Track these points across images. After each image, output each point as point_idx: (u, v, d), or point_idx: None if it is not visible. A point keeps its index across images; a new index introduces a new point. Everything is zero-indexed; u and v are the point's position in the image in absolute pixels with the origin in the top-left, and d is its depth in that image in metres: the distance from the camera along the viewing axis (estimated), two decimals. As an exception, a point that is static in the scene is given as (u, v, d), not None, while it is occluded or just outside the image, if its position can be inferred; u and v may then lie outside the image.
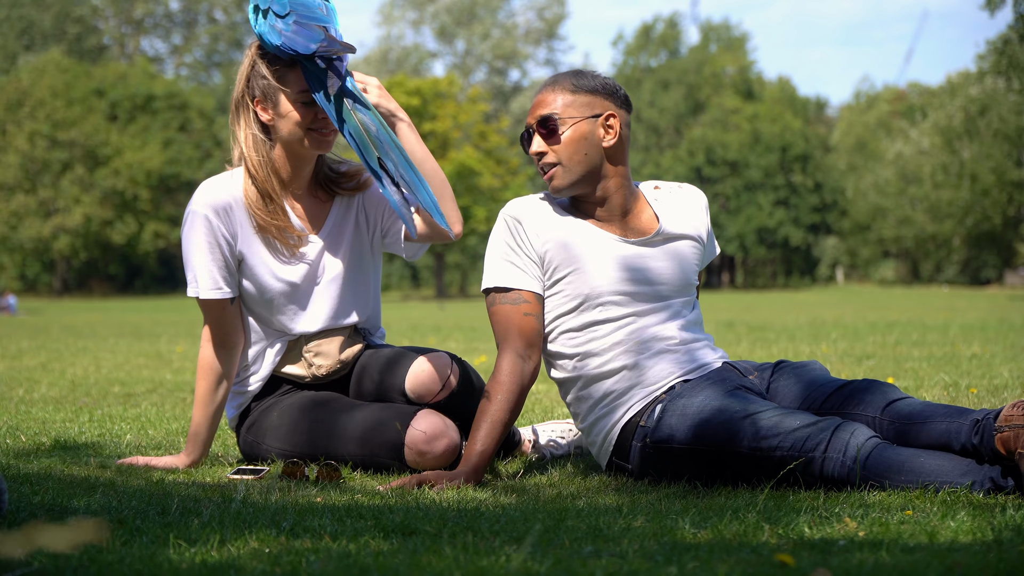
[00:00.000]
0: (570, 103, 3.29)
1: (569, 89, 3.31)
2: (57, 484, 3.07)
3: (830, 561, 2.15)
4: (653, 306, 3.28)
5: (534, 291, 3.29)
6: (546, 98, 3.31)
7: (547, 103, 3.30)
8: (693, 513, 2.65)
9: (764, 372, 3.30)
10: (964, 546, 2.27)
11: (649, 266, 3.30)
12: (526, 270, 3.29)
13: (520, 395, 3.24)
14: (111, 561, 2.15)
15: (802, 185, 58.48)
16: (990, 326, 12.85)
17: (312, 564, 2.12)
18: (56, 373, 7.60)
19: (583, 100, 3.29)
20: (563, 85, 3.32)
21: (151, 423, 4.63)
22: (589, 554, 2.23)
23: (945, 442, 2.91)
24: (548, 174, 3.29)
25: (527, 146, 3.34)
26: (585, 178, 3.28)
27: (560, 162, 3.28)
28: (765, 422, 2.96)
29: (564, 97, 3.30)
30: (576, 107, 3.28)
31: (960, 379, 5.95)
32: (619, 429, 3.23)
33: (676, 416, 3.11)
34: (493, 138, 47.39)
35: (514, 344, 3.25)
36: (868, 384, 3.12)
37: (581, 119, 3.27)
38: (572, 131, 3.27)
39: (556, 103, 3.29)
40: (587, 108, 3.29)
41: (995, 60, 30.07)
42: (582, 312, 3.27)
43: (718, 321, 15.70)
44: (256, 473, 3.25)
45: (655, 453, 3.13)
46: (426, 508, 2.73)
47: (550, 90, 3.32)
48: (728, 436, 2.99)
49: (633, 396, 3.22)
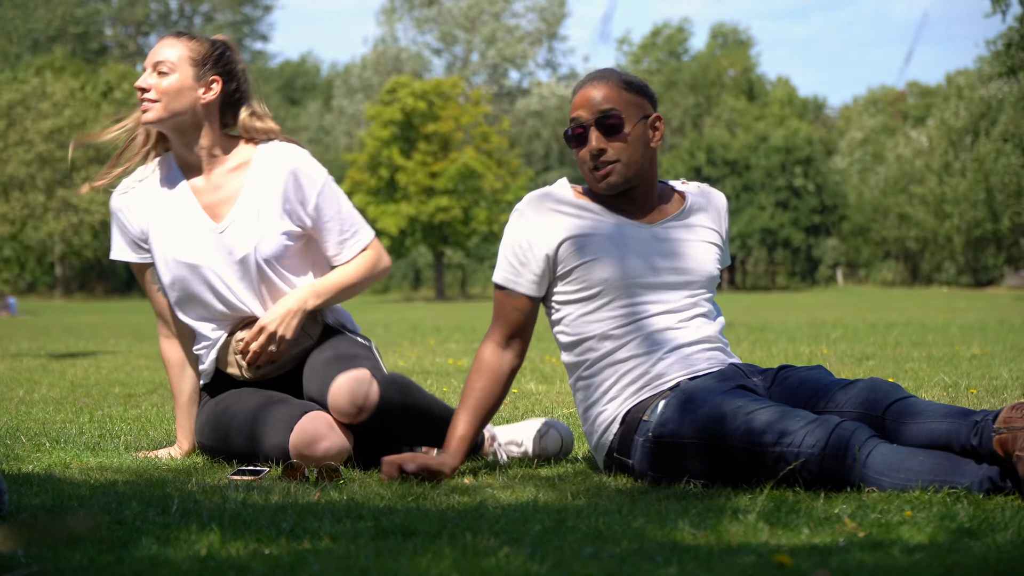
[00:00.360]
0: (628, 101, 3.24)
1: (622, 87, 3.25)
2: (57, 484, 3.07)
3: (830, 562, 2.15)
4: (672, 295, 3.27)
5: (528, 295, 3.30)
6: (601, 93, 3.24)
7: (606, 98, 3.23)
8: (693, 514, 2.65)
9: (768, 375, 3.30)
10: (964, 546, 2.27)
11: (672, 249, 3.29)
12: (526, 274, 3.29)
13: (498, 382, 3.28)
14: (111, 561, 2.15)
15: (803, 187, 58.48)
16: (990, 327, 12.85)
17: (312, 564, 2.12)
18: (56, 374, 7.61)
19: (636, 100, 3.26)
20: (614, 82, 3.25)
21: (151, 424, 4.63)
22: (589, 555, 2.23)
23: (945, 442, 2.91)
24: (604, 171, 3.24)
25: (579, 143, 3.26)
26: (635, 178, 3.27)
27: (620, 160, 3.24)
28: (765, 419, 2.96)
29: (621, 94, 3.24)
30: (633, 106, 3.25)
31: (960, 380, 5.95)
32: (619, 422, 3.23)
33: (679, 412, 3.11)
34: (495, 140, 47.39)
35: (496, 333, 3.31)
36: (869, 383, 3.12)
37: (638, 119, 3.25)
38: (633, 129, 3.24)
39: (615, 99, 3.23)
40: (639, 108, 3.26)
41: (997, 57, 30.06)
42: (597, 299, 3.27)
43: (718, 322, 15.67)
44: (256, 474, 3.25)
45: (657, 448, 3.13)
46: (426, 509, 2.73)
47: (603, 85, 3.25)
48: (728, 432, 2.99)
49: (638, 389, 3.23)
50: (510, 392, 5.90)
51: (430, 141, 46.46)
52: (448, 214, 45.53)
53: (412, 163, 45.97)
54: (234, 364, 3.65)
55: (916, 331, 12.08)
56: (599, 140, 3.23)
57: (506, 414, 4.85)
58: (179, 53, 3.60)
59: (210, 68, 3.60)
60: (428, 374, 7.33)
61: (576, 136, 3.27)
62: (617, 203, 3.31)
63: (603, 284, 3.25)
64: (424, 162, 45.99)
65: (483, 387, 3.28)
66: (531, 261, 3.28)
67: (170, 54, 3.59)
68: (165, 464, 3.56)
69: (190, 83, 3.59)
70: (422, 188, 45.86)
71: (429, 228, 46.22)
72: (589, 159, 3.25)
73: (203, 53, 3.61)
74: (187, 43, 3.61)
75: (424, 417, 3.43)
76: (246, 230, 3.60)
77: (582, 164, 3.28)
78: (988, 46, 31.29)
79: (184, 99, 3.58)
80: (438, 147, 46.57)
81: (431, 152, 46.46)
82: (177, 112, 3.59)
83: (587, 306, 3.28)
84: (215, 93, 3.61)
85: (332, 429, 3.37)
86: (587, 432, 3.35)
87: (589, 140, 3.24)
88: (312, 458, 3.34)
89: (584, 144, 3.26)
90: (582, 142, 3.26)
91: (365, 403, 3.35)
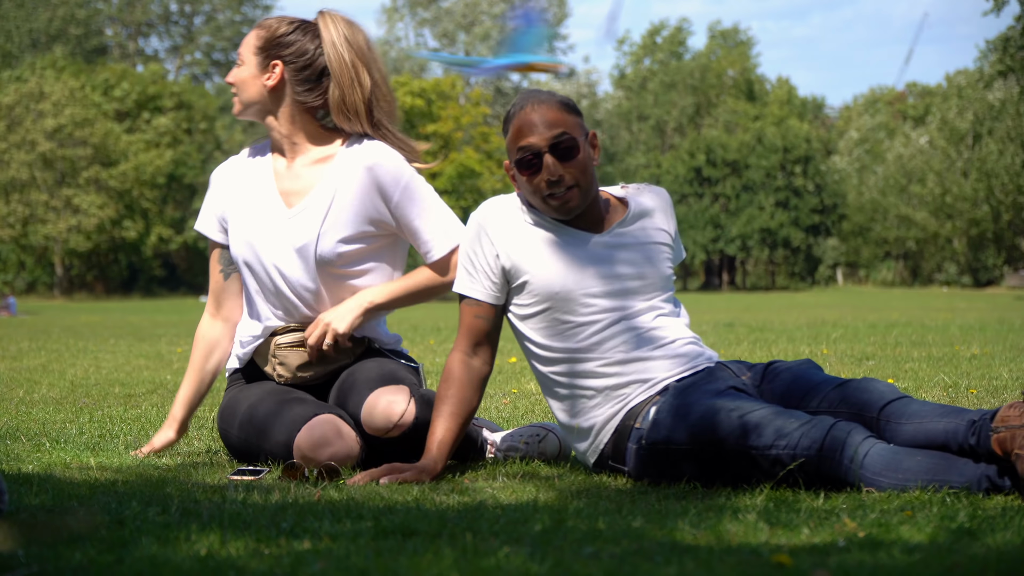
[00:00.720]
0: (573, 123, 3.20)
1: (561, 108, 3.21)
2: (57, 484, 3.07)
3: (829, 562, 2.15)
4: (630, 302, 3.26)
5: (486, 301, 3.30)
6: (547, 117, 3.18)
7: (555, 122, 3.18)
8: (693, 513, 2.65)
9: (757, 373, 3.28)
10: (964, 546, 2.27)
11: (621, 257, 3.27)
12: (481, 280, 3.29)
13: (470, 388, 3.28)
14: (111, 561, 2.15)
15: (803, 187, 58.49)
16: (990, 327, 12.85)
17: (312, 564, 2.12)
18: (56, 374, 7.61)
19: (577, 120, 3.23)
20: (556, 104, 3.21)
21: (151, 424, 4.63)
22: (589, 555, 2.23)
23: (942, 442, 2.91)
24: (564, 198, 3.19)
25: (531, 171, 3.19)
26: (590, 198, 3.24)
27: (578, 184, 3.19)
28: (759, 421, 2.96)
29: (566, 117, 3.20)
30: (577, 127, 3.21)
31: (960, 380, 5.95)
32: (609, 431, 3.22)
33: (671, 416, 3.10)
34: (494, 140, 47.39)
35: (462, 343, 3.32)
36: (863, 383, 3.11)
37: (583, 139, 3.22)
38: (583, 151, 3.21)
39: (563, 122, 3.19)
40: (581, 128, 3.23)
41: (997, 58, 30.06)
42: (554, 312, 3.26)
43: (718, 322, 15.70)
44: (256, 474, 3.25)
45: (652, 455, 3.13)
46: (426, 509, 2.73)
47: (546, 109, 3.19)
48: (724, 435, 2.99)
49: (624, 396, 3.21)
50: (510, 392, 5.90)
51: (430, 140, 46.48)
52: (448, 214, 45.56)
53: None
54: (271, 364, 3.62)
55: (916, 331, 12.08)
56: (556, 166, 3.17)
57: (506, 414, 4.86)
58: (249, 42, 3.59)
59: (272, 53, 3.56)
60: (428, 374, 7.33)
61: (528, 163, 3.18)
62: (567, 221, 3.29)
63: (555, 298, 3.24)
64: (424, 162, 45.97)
65: (454, 394, 3.27)
66: (485, 268, 3.28)
67: (243, 44, 3.60)
68: (165, 464, 3.56)
69: (254, 71, 3.57)
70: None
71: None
72: (545, 187, 3.18)
73: (267, 38, 3.57)
74: (257, 31, 3.60)
75: None
76: (311, 221, 3.55)
77: (534, 192, 3.21)
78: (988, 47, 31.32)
79: (252, 88, 3.58)
80: (438, 147, 46.57)
81: (430, 152, 46.49)
82: (250, 102, 3.59)
83: (545, 320, 3.27)
84: (276, 78, 3.56)
85: (339, 435, 3.35)
86: (574, 442, 3.34)
87: (545, 167, 3.17)
88: (315, 461, 3.32)
89: (537, 172, 3.18)
90: (535, 169, 3.19)
91: (400, 420, 3.36)
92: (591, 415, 3.26)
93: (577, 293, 3.24)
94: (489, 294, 3.30)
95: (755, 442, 2.95)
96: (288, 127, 3.59)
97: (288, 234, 3.56)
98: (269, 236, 3.58)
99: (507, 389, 6.10)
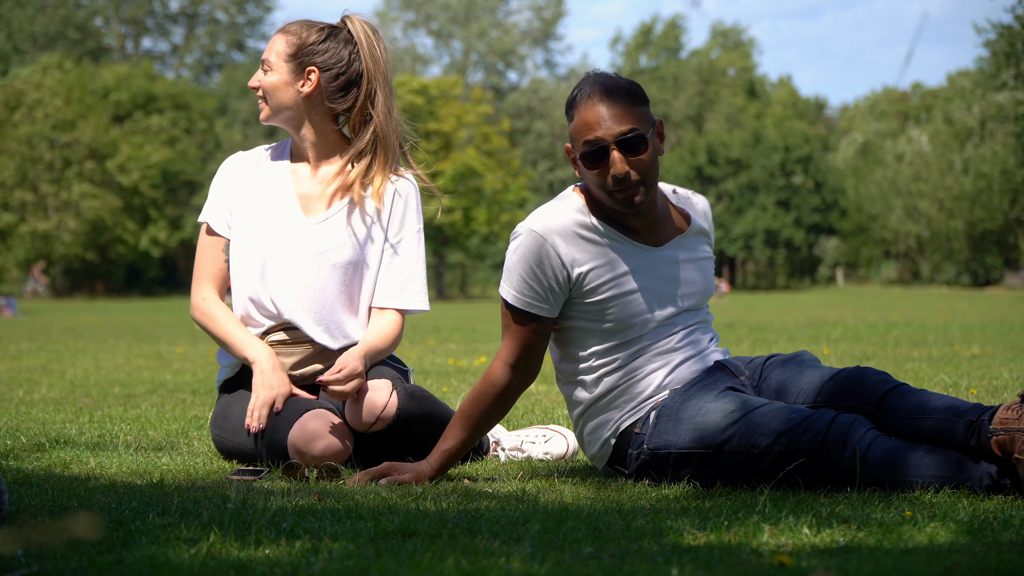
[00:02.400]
0: (640, 115, 3.08)
1: (631, 101, 3.08)
2: (57, 485, 3.07)
3: (830, 562, 2.15)
4: (681, 318, 3.21)
5: (547, 316, 3.18)
6: (615, 111, 3.06)
7: (623, 117, 3.06)
8: (693, 514, 2.65)
9: (755, 369, 3.25)
10: (963, 547, 2.27)
11: (681, 274, 3.21)
12: (547, 296, 3.15)
13: (498, 400, 3.21)
14: (111, 561, 2.15)
15: (803, 186, 58.48)
16: (990, 327, 12.84)
17: (312, 564, 2.12)
18: (56, 374, 7.60)
19: (644, 111, 3.09)
20: (623, 95, 3.07)
21: (151, 424, 4.63)
22: (589, 555, 2.23)
23: (941, 440, 2.90)
24: (629, 192, 3.07)
25: (597, 164, 3.07)
26: (655, 189, 3.14)
27: (645, 180, 3.08)
28: (760, 420, 2.95)
29: (633, 110, 3.07)
30: (644, 120, 3.09)
31: (960, 380, 5.95)
32: (615, 437, 3.21)
33: (671, 422, 3.09)
34: (495, 140, 47.40)
35: (511, 355, 3.20)
36: (857, 373, 3.07)
37: (650, 132, 3.10)
38: (650, 145, 3.09)
39: (631, 117, 3.06)
40: (648, 120, 3.10)
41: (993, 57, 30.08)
42: (610, 333, 3.18)
43: (718, 322, 15.71)
44: (256, 473, 3.25)
45: (652, 460, 3.12)
46: (426, 509, 2.73)
47: (614, 102, 3.06)
48: (725, 438, 2.99)
49: (629, 404, 3.20)
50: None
51: (430, 140, 46.45)
52: (448, 215, 45.53)
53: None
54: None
55: (916, 331, 12.08)
56: (623, 162, 3.05)
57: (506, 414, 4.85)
58: (278, 48, 3.56)
59: (307, 60, 3.54)
60: (428, 374, 7.33)
61: (595, 157, 3.07)
62: (629, 220, 3.17)
63: (618, 321, 3.16)
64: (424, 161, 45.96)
65: (486, 410, 3.21)
66: (553, 285, 3.15)
67: (272, 49, 3.57)
68: (165, 464, 3.56)
69: (287, 78, 3.55)
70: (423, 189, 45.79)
71: (429, 228, 46.23)
72: (612, 182, 3.07)
73: (299, 45, 3.55)
74: (288, 36, 3.57)
75: (441, 430, 3.36)
76: (333, 231, 3.57)
77: (600, 186, 3.09)
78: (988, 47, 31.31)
79: (285, 95, 3.56)
80: (439, 146, 46.57)
81: (432, 151, 46.47)
82: (281, 108, 3.57)
83: (596, 335, 3.20)
84: (313, 85, 3.55)
85: (332, 428, 3.36)
86: (582, 442, 3.33)
87: (612, 163, 3.06)
88: (309, 456, 3.33)
89: (603, 166, 3.07)
90: (602, 163, 3.07)
91: (383, 414, 3.36)
92: (601, 417, 3.22)
93: (639, 318, 3.16)
94: (553, 310, 3.19)
95: (757, 443, 2.94)
96: (317, 134, 3.60)
97: (303, 238, 3.56)
98: (287, 239, 3.57)
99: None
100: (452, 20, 63.78)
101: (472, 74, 64.81)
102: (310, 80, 3.54)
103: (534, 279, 3.14)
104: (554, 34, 66.24)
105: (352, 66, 3.57)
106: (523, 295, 3.16)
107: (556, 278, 3.13)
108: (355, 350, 3.45)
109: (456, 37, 64.22)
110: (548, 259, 3.12)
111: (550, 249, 3.12)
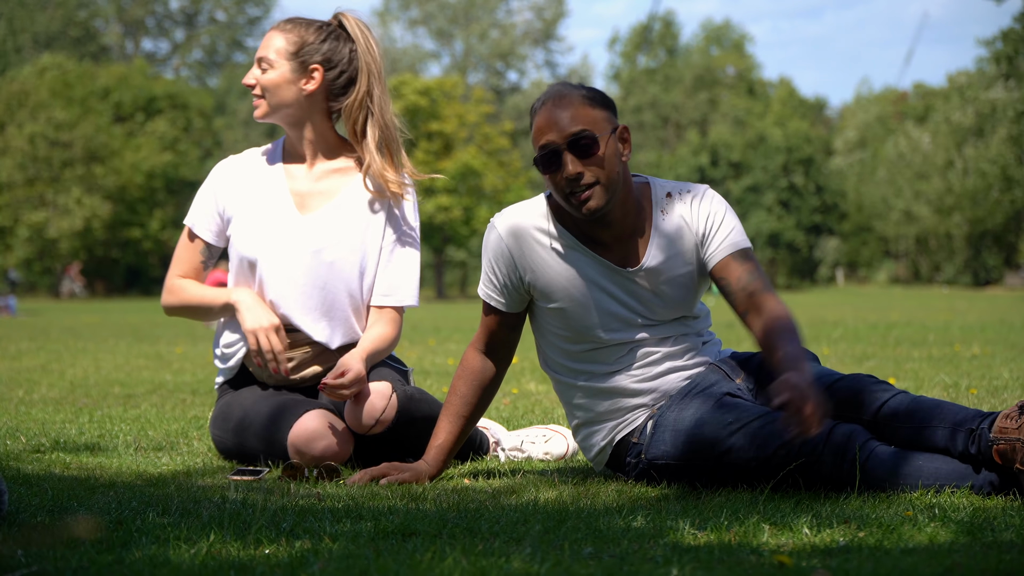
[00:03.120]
0: (596, 118, 3.07)
1: (586, 103, 3.07)
2: (57, 485, 3.07)
3: (830, 562, 2.15)
4: (652, 331, 3.18)
5: (506, 311, 3.25)
6: (567, 113, 3.05)
7: (574, 119, 3.05)
8: (693, 514, 2.65)
9: (754, 368, 3.22)
10: (963, 547, 2.27)
11: (648, 296, 3.16)
12: (503, 291, 3.22)
13: (480, 389, 3.27)
14: (111, 561, 2.15)
15: (804, 186, 58.48)
16: (990, 327, 12.84)
17: (312, 564, 2.12)
18: (56, 374, 7.61)
19: (603, 114, 3.08)
20: (578, 99, 3.08)
21: (151, 424, 4.63)
22: (589, 555, 2.23)
23: (941, 449, 2.90)
24: (584, 195, 3.05)
25: (551, 168, 3.06)
26: (614, 198, 3.09)
27: (598, 181, 3.05)
28: (758, 432, 2.93)
29: (588, 112, 3.06)
30: (601, 122, 3.07)
31: (960, 380, 5.95)
32: (612, 446, 3.21)
33: (668, 432, 3.08)
34: (496, 140, 47.40)
35: (480, 341, 3.30)
36: (855, 382, 3.05)
37: (609, 134, 3.07)
38: (606, 147, 3.06)
39: (584, 118, 3.05)
40: (608, 123, 3.08)
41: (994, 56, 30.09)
42: (573, 341, 3.20)
43: (718, 322, 15.65)
44: (256, 474, 3.25)
45: (650, 470, 3.12)
46: (426, 509, 2.73)
47: (567, 104, 3.07)
48: (723, 449, 2.98)
49: (619, 414, 3.19)
50: (510, 392, 5.90)
51: (432, 140, 46.46)
52: (449, 214, 45.54)
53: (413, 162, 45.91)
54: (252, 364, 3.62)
55: (916, 331, 12.08)
56: (575, 164, 3.02)
57: (506, 414, 4.86)
58: (278, 45, 3.54)
59: (309, 59, 3.53)
60: (428, 374, 7.33)
61: (547, 161, 3.06)
62: (594, 231, 3.16)
63: (576, 331, 3.18)
64: (425, 161, 45.99)
65: (465, 393, 3.26)
66: (508, 285, 3.21)
67: (270, 47, 3.55)
68: (165, 464, 3.56)
69: (289, 76, 3.53)
70: (423, 187, 45.84)
71: (430, 227, 46.23)
72: (565, 185, 3.06)
73: (302, 42, 3.53)
74: (286, 33, 3.55)
75: None
76: (330, 227, 3.57)
77: (557, 190, 3.09)
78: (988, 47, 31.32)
79: (286, 93, 3.54)
80: (440, 146, 46.58)
81: (433, 151, 46.47)
82: (281, 106, 3.56)
83: (565, 341, 3.21)
84: (317, 83, 3.54)
85: (333, 429, 3.37)
86: (580, 446, 3.33)
87: (564, 165, 3.04)
88: (309, 456, 3.34)
89: (557, 169, 3.06)
90: (555, 167, 3.05)
91: (383, 416, 3.37)
92: (596, 426, 3.22)
93: (606, 326, 3.16)
94: (511, 305, 3.24)
95: (756, 454, 2.94)
96: (315, 132, 3.60)
97: (299, 236, 3.57)
98: (282, 237, 3.58)
99: (507, 389, 6.10)
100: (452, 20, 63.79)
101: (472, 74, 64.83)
102: (314, 78, 3.54)
103: (492, 273, 3.24)
104: (555, 34, 66.26)
105: (353, 64, 3.57)
106: (485, 286, 3.27)
107: (510, 277, 3.21)
108: (356, 352, 3.45)
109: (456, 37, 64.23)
110: (503, 258, 3.20)
111: (505, 248, 3.19)
